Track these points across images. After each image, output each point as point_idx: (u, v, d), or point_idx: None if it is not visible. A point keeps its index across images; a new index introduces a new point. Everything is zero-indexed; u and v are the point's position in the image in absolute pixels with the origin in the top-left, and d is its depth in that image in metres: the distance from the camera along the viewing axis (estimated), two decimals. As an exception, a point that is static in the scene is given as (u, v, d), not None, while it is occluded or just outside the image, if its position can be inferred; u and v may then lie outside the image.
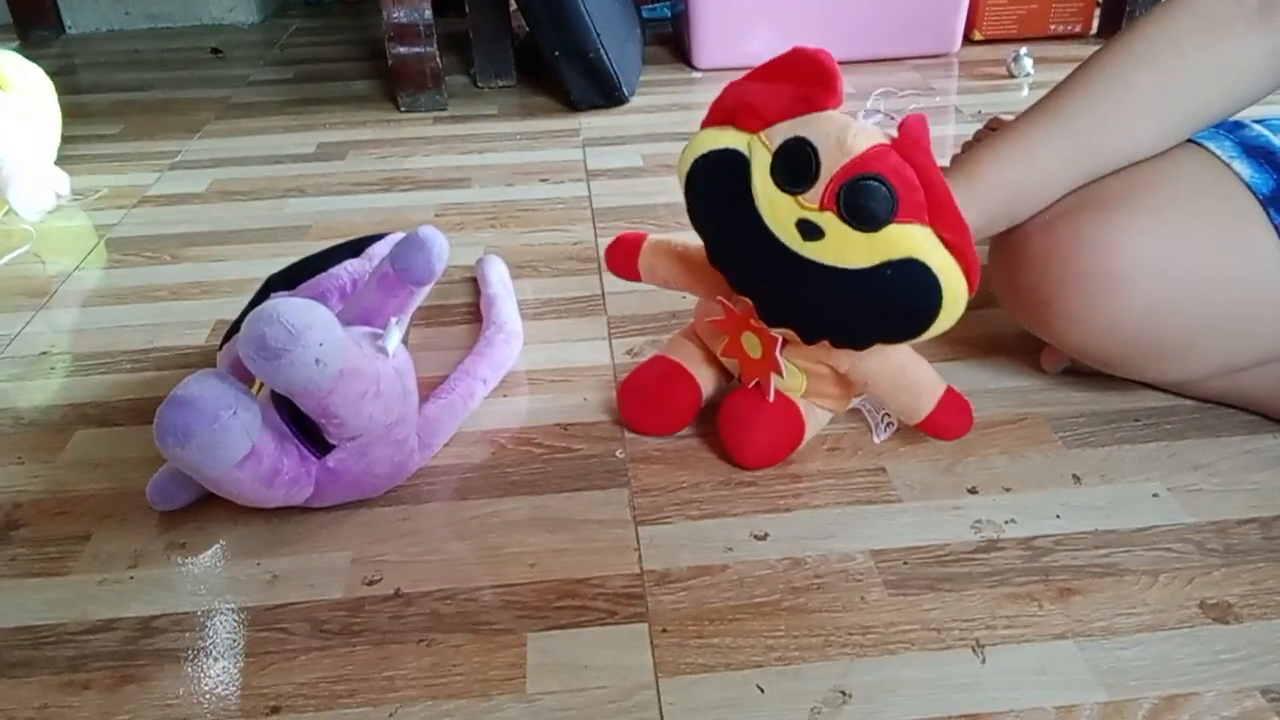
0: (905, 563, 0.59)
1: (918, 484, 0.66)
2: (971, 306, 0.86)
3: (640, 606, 0.57)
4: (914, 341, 0.59)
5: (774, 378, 0.65)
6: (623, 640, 0.55)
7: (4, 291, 0.98)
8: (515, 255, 1.00)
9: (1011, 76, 1.51)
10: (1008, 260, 0.68)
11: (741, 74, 0.60)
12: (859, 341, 0.61)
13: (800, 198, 0.56)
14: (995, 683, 0.51)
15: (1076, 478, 0.66)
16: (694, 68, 1.62)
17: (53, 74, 1.26)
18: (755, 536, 0.62)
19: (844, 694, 0.51)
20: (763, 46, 1.50)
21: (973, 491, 0.65)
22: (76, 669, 0.54)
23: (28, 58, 1.22)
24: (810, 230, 0.56)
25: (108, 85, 1.71)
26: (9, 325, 0.92)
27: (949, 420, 0.65)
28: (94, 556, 0.63)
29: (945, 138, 1.29)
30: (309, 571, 0.61)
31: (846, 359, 0.64)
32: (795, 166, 0.56)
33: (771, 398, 0.66)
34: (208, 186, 1.23)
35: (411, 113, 1.48)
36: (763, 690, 0.51)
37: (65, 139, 1.27)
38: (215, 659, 0.55)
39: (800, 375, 0.66)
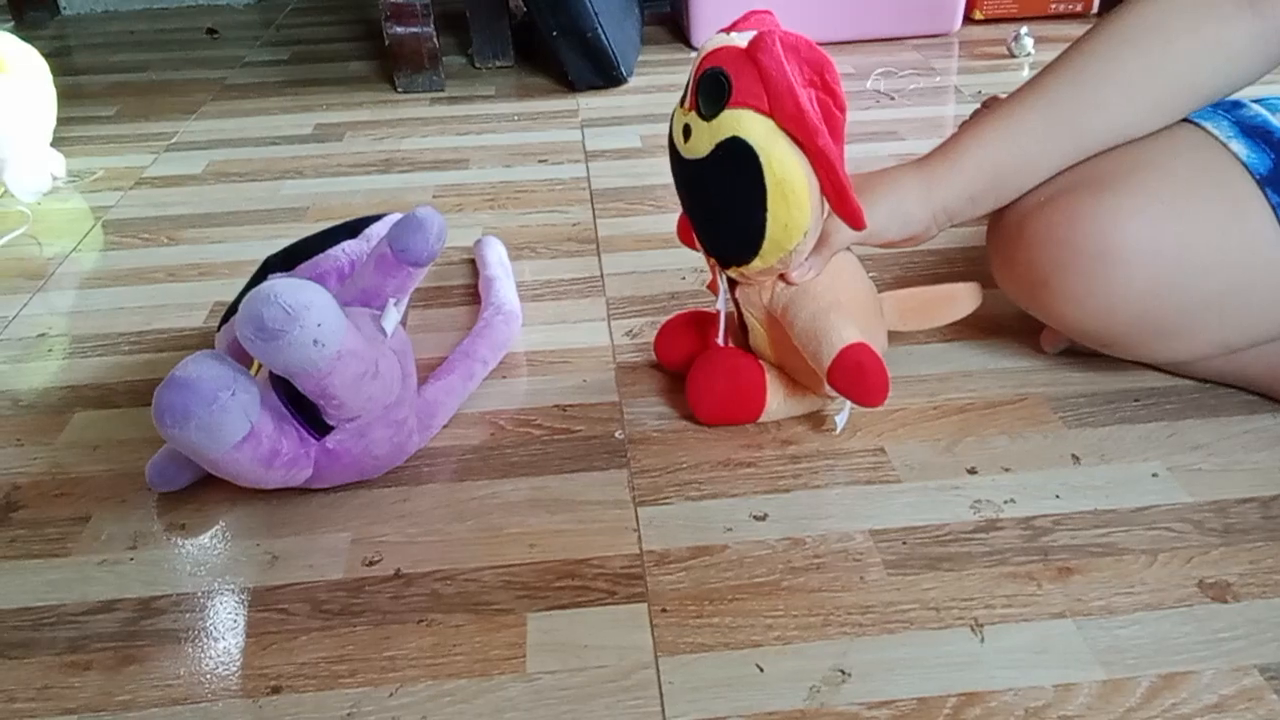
0: (904, 542, 0.59)
1: (917, 464, 0.66)
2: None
3: (640, 586, 0.57)
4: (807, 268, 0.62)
5: (739, 323, 0.69)
6: (622, 620, 0.55)
7: (1, 273, 0.98)
8: (513, 236, 0.99)
9: (1012, 56, 1.50)
10: (1004, 241, 0.68)
11: None
12: (728, 239, 0.62)
13: (683, 107, 0.61)
14: (994, 661, 0.51)
15: (1076, 458, 0.66)
16: (692, 47, 1.61)
17: (48, 55, 1.25)
18: (755, 517, 0.62)
19: (843, 673, 0.51)
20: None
21: (972, 471, 0.65)
22: (77, 650, 0.55)
23: (22, 39, 1.21)
24: (686, 131, 0.60)
25: (103, 66, 1.69)
26: (6, 307, 0.91)
27: (840, 378, 0.61)
28: (94, 538, 0.63)
29: (945, 118, 1.29)
30: (309, 552, 0.61)
31: (781, 299, 0.64)
32: (688, 82, 0.61)
33: (721, 338, 0.69)
34: (204, 168, 1.22)
35: (409, 93, 1.47)
36: (762, 669, 0.52)
37: (61, 120, 1.27)
38: (216, 639, 0.55)
39: (759, 330, 0.68)
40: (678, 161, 0.62)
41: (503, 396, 0.75)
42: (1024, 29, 1.50)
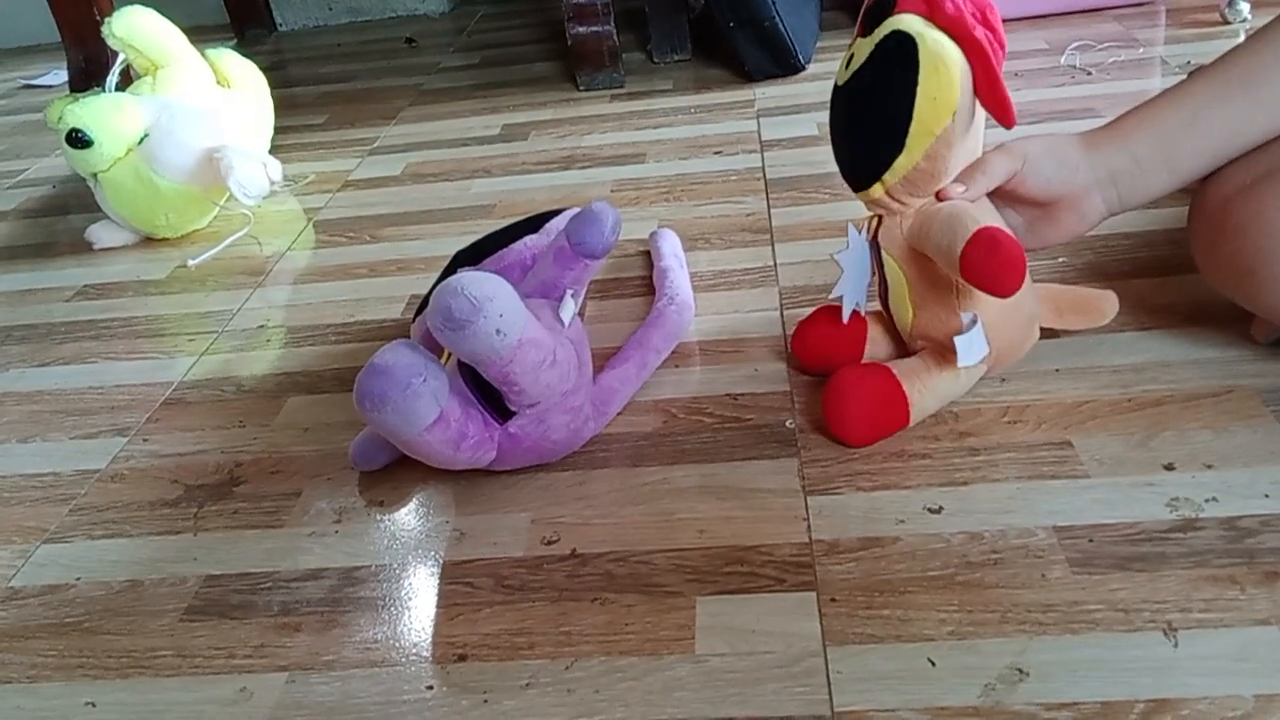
0: (1091, 540, 0.57)
1: (1107, 459, 0.63)
2: (1171, 271, 0.81)
3: (809, 575, 0.57)
4: (927, 123, 0.60)
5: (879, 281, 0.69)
6: (790, 607, 0.55)
7: (226, 271, 1.08)
8: (688, 228, 1.01)
9: (1226, 23, 1.38)
10: (1206, 226, 0.63)
11: None
12: (877, 136, 0.61)
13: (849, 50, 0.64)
14: (1188, 668, 0.48)
15: (1290, 455, 0.61)
16: (874, 31, 1.57)
17: (266, 69, 1.36)
18: (929, 510, 0.61)
19: (1021, 671, 0.49)
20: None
21: (1169, 468, 0.61)
22: (289, 613, 0.60)
23: (244, 55, 1.33)
24: (849, 61, 0.63)
25: (314, 78, 1.83)
26: (231, 302, 1.01)
27: (978, 255, 0.57)
28: (304, 511, 0.68)
29: (1148, 93, 1.19)
30: (493, 530, 0.64)
31: (919, 219, 0.63)
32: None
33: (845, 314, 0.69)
34: (403, 170, 1.30)
35: (590, 91, 1.51)
36: (934, 664, 0.51)
37: (278, 129, 1.38)
38: (409, 608, 0.59)
39: (899, 277, 0.66)
40: (833, 96, 0.65)
41: (675, 385, 0.76)
42: (1241, -9, 1.38)
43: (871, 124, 0.62)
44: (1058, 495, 0.60)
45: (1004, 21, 0.60)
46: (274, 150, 1.34)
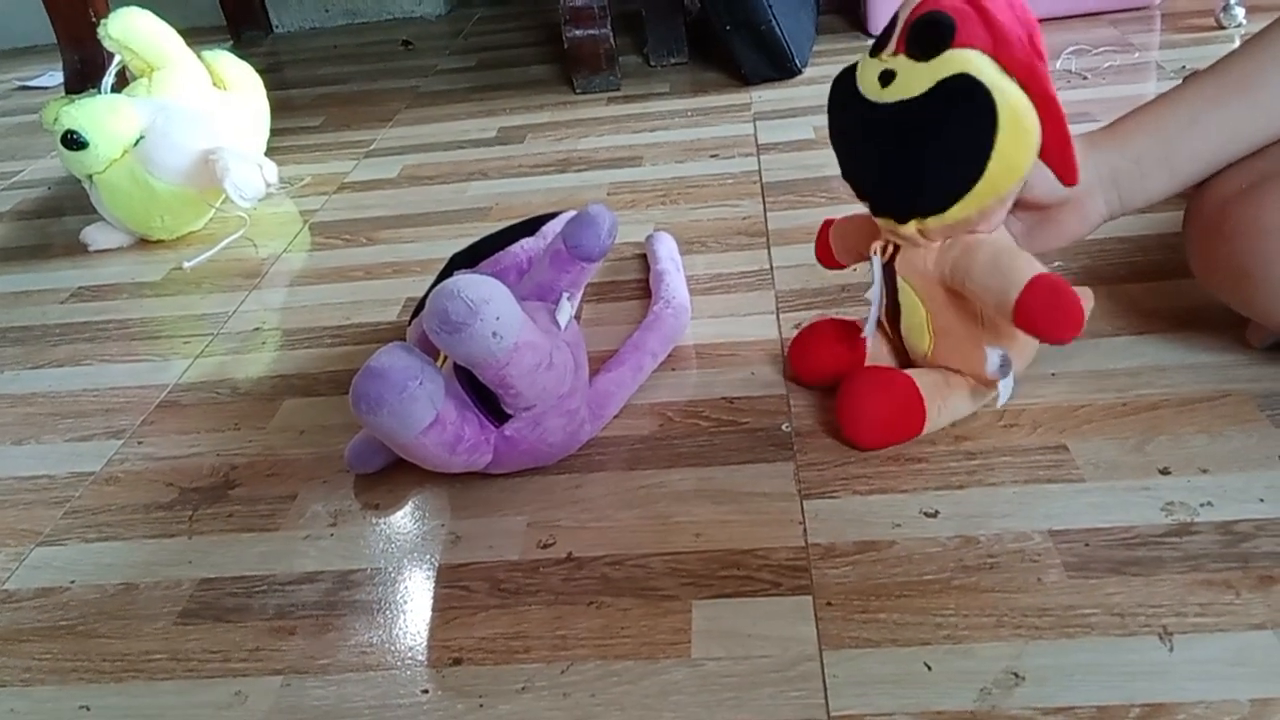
0: (1087, 544, 0.57)
1: (1103, 463, 0.63)
2: (1166, 276, 0.81)
3: (804, 579, 0.57)
4: (999, 183, 0.57)
5: (890, 306, 0.67)
6: (787, 611, 0.55)
7: (222, 273, 1.08)
8: (685, 231, 1.01)
9: (1221, 28, 1.39)
10: (1202, 230, 0.63)
11: None
12: (934, 183, 0.58)
13: (883, 55, 0.59)
14: (1184, 672, 0.48)
15: (1285, 460, 0.61)
16: (870, 35, 1.57)
17: (262, 71, 1.36)
18: (925, 513, 0.61)
19: (1017, 676, 0.49)
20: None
21: (1165, 472, 0.61)
22: (284, 616, 0.60)
23: (240, 56, 1.33)
24: (886, 77, 0.58)
25: (310, 80, 1.83)
26: (226, 304, 1.00)
27: (1037, 305, 0.56)
28: (299, 514, 0.68)
29: (1144, 97, 1.20)
30: (488, 533, 0.64)
31: (951, 252, 0.61)
32: (883, 33, 0.60)
33: (871, 326, 0.68)
34: (399, 172, 1.30)
35: (586, 94, 1.51)
36: (930, 668, 0.51)
37: (274, 131, 1.38)
38: (405, 612, 0.59)
39: (916, 304, 0.64)
40: (862, 110, 0.59)
41: (672, 388, 0.76)
42: (1236, -3, 1.39)
43: (930, 165, 0.58)
44: (1053, 499, 0.60)
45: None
46: (270, 152, 1.34)
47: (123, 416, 0.83)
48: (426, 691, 0.53)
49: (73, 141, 1.07)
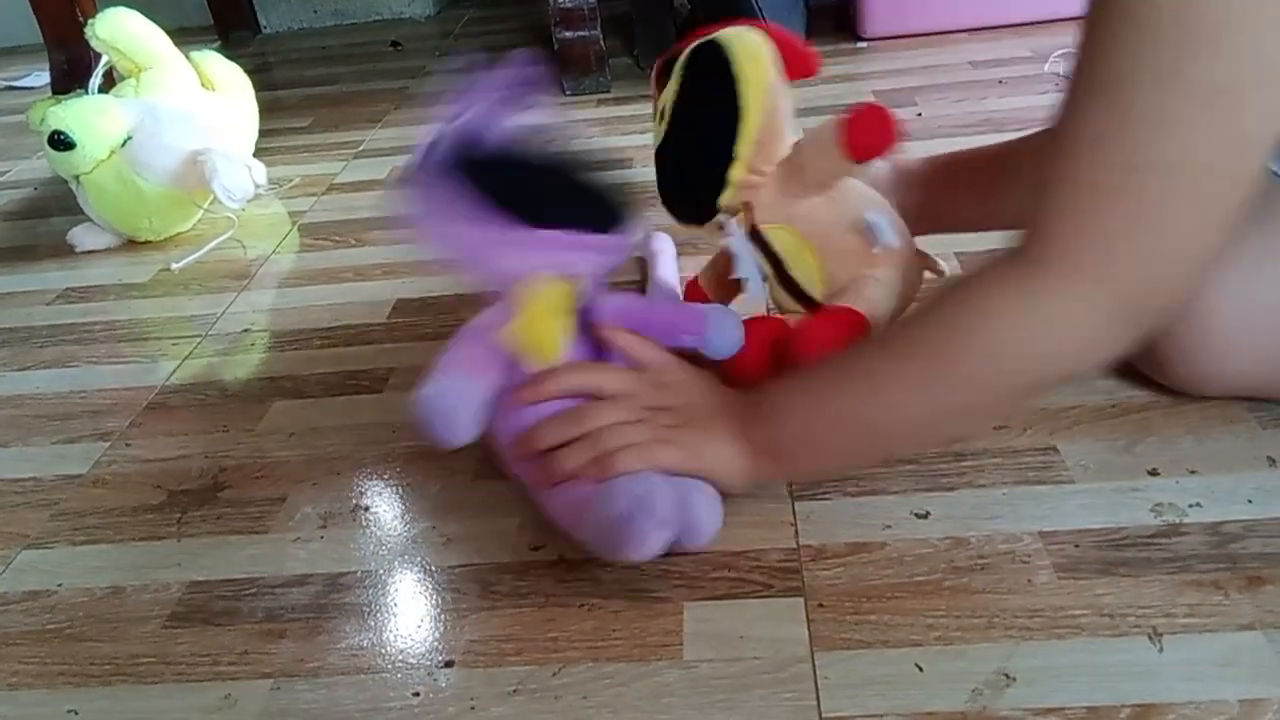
0: (1077, 545, 0.57)
1: (1093, 464, 0.63)
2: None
3: (796, 581, 0.57)
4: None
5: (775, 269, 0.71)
6: (779, 613, 0.55)
7: (210, 274, 1.07)
8: (676, 232, 1.00)
9: (1208, 31, 1.40)
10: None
11: (911, 43, 0.61)
12: (714, 145, 0.67)
13: (657, 106, 0.74)
14: (1173, 672, 0.49)
15: (1272, 460, 0.61)
16: (860, 38, 1.58)
17: (250, 72, 1.35)
18: (916, 515, 0.61)
19: (1008, 677, 0.50)
20: (939, 11, 1.44)
21: (1153, 473, 0.62)
22: (274, 619, 0.59)
23: (228, 57, 1.33)
24: (661, 114, 0.73)
25: (299, 81, 1.82)
26: (215, 305, 1.00)
27: (856, 122, 0.64)
28: (289, 517, 0.68)
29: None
30: (480, 536, 0.64)
31: (780, 181, 0.69)
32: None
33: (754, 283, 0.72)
34: (388, 173, 1.30)
35: (576, 96, 1.51)
36: (921, 669, 0.51)
37: (262, 132, 1.37)
38: (395, 614, 0.59)
39: (790, 242, 0.69)
40: (659, 154, 0.73)
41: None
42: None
43: (710, 122, 0.68)
44: (1043, 500, 0.61)
45: (989, 29, 0.61)
46: (258, 153, 1.34)
47: (110, 419, 0.82)
48: (418, 694, 0.53)
49: (60, 142, 1.06)
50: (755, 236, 0.70)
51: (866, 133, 0.64)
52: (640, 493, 0.54)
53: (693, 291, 0.79)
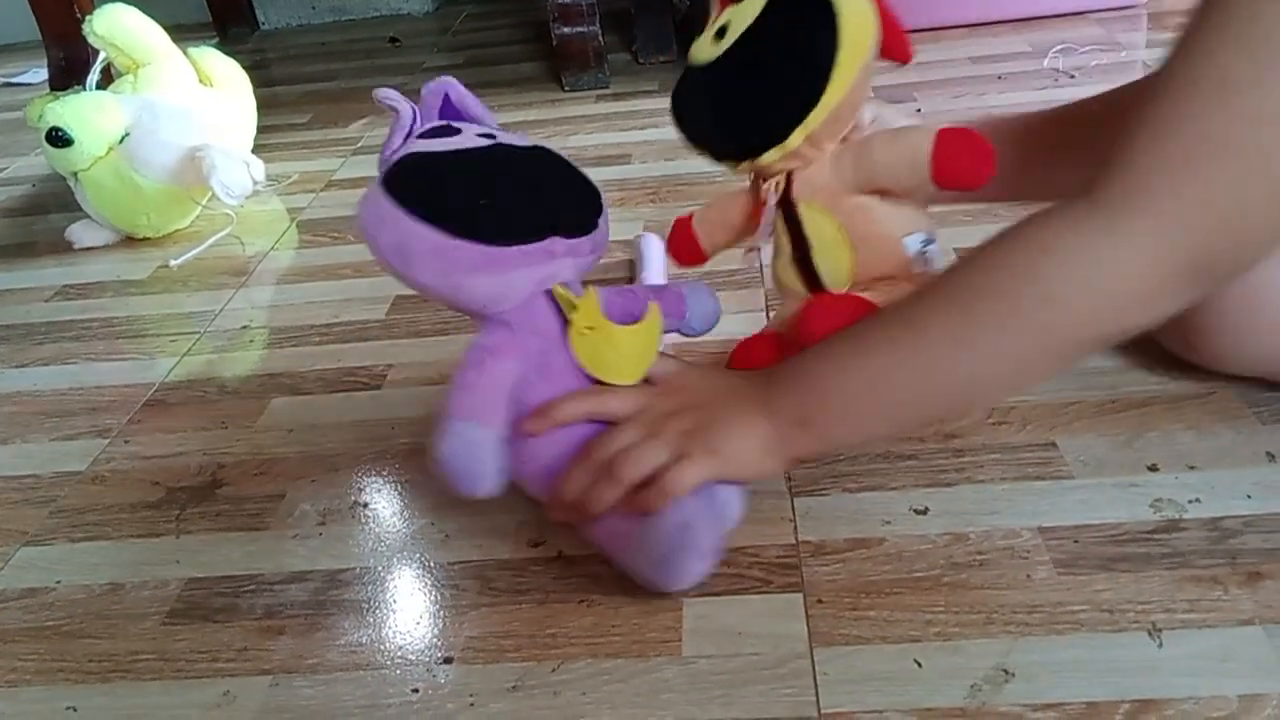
0: (1076, 541, 0.57)
1: (1092, 460, 0.63)
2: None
3: (795, 576, 0.57)
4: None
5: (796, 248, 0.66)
6: (777, 609, 0.55)
7: (209, 271, 1.07)
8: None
9: (1208, 26, 1.39)
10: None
11: (910, 38, 0.60)
12: (784, 101, 0.60)
13: (712, 22, 0.63)
14: (1173, 668, 0.49)
15: (1271, 456, 0.61)
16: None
17: (249, 68, 1.35)
18: (915, 510, 0.61)
19: (1007, 672, 0.50)
20: (939, 7, 1.45)
21: (1153, 469, 0.62)
22: (273, 615, 0.59)
23: (226, 53, 1.32)
24: (720, 32, 0.61)
25: (297, 77, 1.82)
26: (213, 302, 1.00)
27: (951, 151, 0.58)
28: (288, 513, 0.68)
29: (1131, 95, 1.21)
30: (479, 532, 0.64)
31: (841, 159, 0.62)
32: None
33: (767, 235, 0.66)
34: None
35: (575, 92, 1.51)
36: (920, 665, 0.51)
37: (261, 129, 1.37)
38: (394, 611, 0.59)
39: (825, 226, 0.63)
40: (700, 69, 0.63)
41: (662, 386, 0.76)
42: (1222, -4, 1.39)
43: (783, 71, 0.59)
44: (1043, 496, 0.61)
45: (988, 24, 0.60)
46: (257, 150, 1.33)
47: (109, 415, 0.82)
48: (417, 690, 0.53)
49: (57, 138, 1.06)
50: (786, 207, 0.64)
51: (965, 160, 0.58)
52: (680, 522, 0.54)
53: (680, 232, 0.74)
